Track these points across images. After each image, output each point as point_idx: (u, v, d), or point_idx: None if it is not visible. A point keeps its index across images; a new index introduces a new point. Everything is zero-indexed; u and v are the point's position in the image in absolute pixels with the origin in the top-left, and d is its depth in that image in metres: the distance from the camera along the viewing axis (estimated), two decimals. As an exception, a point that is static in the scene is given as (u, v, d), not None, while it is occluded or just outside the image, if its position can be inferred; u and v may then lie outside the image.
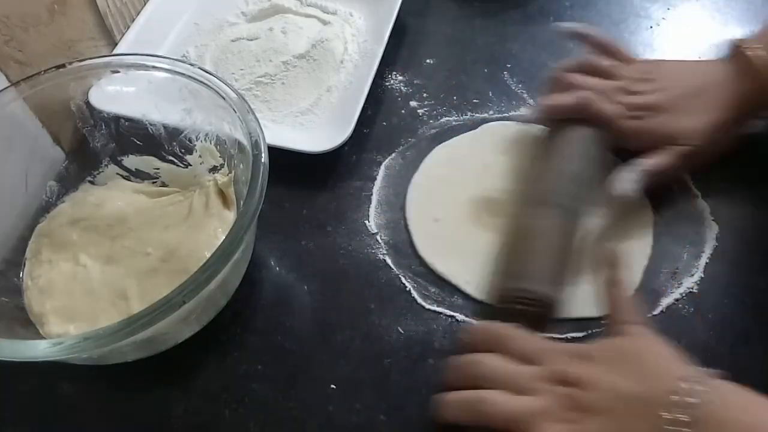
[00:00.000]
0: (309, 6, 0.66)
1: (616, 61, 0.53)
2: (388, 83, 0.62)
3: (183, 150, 0.53)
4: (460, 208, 0.53)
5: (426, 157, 0.56)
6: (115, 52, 0.61)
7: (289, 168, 0.52)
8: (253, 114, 0.45)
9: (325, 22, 0.64)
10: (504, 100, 0.60)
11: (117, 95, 0.51)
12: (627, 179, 0.48)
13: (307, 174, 0.55)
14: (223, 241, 0.39)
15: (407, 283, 0.49)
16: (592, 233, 0.50)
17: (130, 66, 0.49)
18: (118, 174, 0.54)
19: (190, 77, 0.47)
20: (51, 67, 0.48)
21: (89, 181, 0.53)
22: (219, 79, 0.47)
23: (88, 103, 0.51)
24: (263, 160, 0.42)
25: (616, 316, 0.40)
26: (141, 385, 0.45)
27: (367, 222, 0.53)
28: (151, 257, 0.48)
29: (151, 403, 0.45)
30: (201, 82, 0.47)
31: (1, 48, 0.51)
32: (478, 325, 0.41)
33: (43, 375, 0.45)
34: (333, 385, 0.45)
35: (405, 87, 0.62)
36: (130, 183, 0.54)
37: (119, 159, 0.54)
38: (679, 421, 0.31)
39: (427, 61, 0.64)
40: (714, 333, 0.46)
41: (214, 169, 0.52)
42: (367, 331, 0.47)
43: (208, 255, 0.39)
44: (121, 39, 0.61)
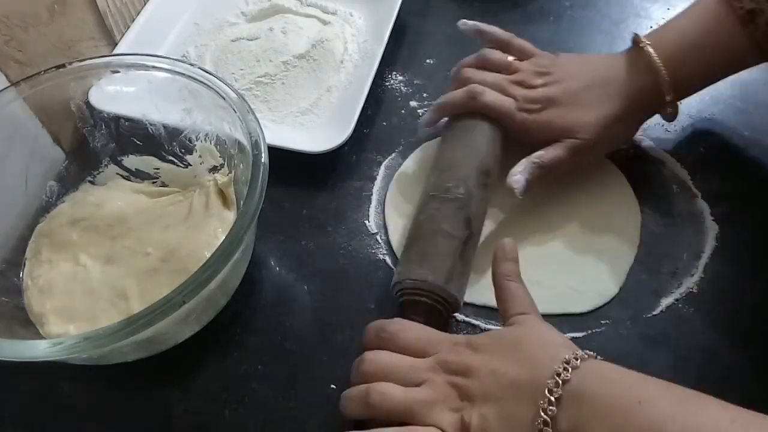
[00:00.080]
0: (309, 6, 0.66)
1: (515, 57, 0.53)
2: (388, 83, 0.62)
3: (183, 150, 0.53)
4: None
5: (410, 156, 0.56)
6: (115, 52, 0.61)
7: (289, 168, 0.52)
8: (253, 114, 0.45)
9: (325, 22, 0.64)
10: (504, 100, 0.60)
11: (117, 95, 0.51)
12: (518, 171, 0.48)
13: (307, 174, 0.55)
14: (223, 241, 0.39)
15: (407, 283, 0.49)
16: (574, 236, 0.50)
17: (130, 66, 0.49)
18: (118, 174, 0.54)
19: (190, 77, 0.47)
20: (51, 67, 0.48)
21: (89, 181, 0.53)
22: (219, 79, 0.47)
23: (88, 103, 0.51)
24: (263, 160, 0.42)
25: (506, 307, 0.40)
26: (141, 385, 0.45)
27: (367, 222, 0.53)
28: (151, 257, 0.48)
29: (151, 403, 0.45)
30: (201, 82, 0.47)
31: (1, 48, 0.51)
32: (372, 323, 0.42)
33: (43, 375, 0.46)
34: (333, 385, 0.45)
35: (405, 87, 0.62)
36: (130, 183, 0.54)
37: (119, 159, 0.54)
38: (551, 401, 0.33)
39: (427, 61, 0.64)
40: (714, 333, 0.46)
41: (214, 169, 0.52)
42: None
43: (208, 255, 0.39)
44: (121, 39, 0.62)
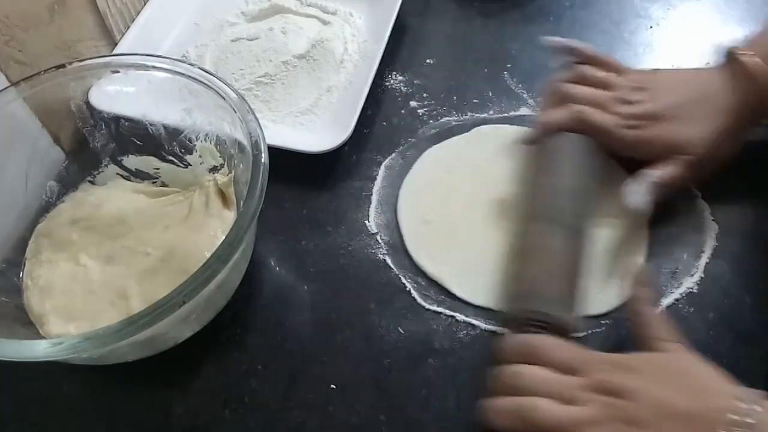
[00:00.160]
0: (309, 6, 0.66)
1: (609, 72, 0.53)
2: (388, 83, 0.62)
3: (183, 150, 0.53)
4: (451, 211, 0.53)
5: (418, 159, 0.56)
6: (115, 52, 0.61)
7: (289, 168, 0.52)
8: (253, 114, 0.45)
9: (325, 22, 0.64)
10: (504, 100, 0.60)
11: (117, 95, 0.51)
12: (637, 192, 0.47)
13: (307, 174, 0.55)
14: (223, 241, 0.39)
15: (407, 283, 0.49)
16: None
17: (130, 66, 0.49)
18: (118, 174, 0.54)
19: (190, 77, 0.47)
20: (51, 67, 0.48)
21: (89, 181, 0.53)
22: (219, 79, 0.47)
23: (88, 103, 0.51)
24: (263, 160, 0.42)
25: (650, 332, 0.39)
26: (141, 385, 0.45)
27: (367, 222, 0.53)
28: (151, 257, 0.48)
29: (151, 403, 0.45)
30: (201, 82, 0.47)
31: (1, 48, 0.51)
32: (510, 336, 0.41)
33: (43, 375, 0.46)
34: (333, 385, 0.45)
35: (405, 87, 0.62)
36: (130, 183, 0.54)
37: (119, 159, 0.54)
38: None
39: (427, 61, 0.64)
40: (714, 333, 0.46)
41: (214, 169, 0.52)
42: (367, 331, 0.47)
43: (208, 255, 0.39)
44: (121, 39, 0.61)
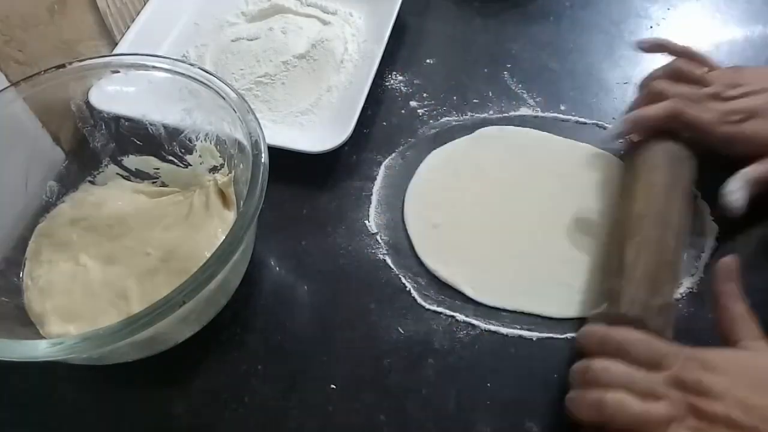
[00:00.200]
0: (309, 6, 0.66)
1: (703, 68, 0.52)
2: (388, 83, 0.62)
3: (183, 150, 0.53)
4: (459, 214, 0.53)
5: (422, 162, 0.56)
6: (115, 52, 0.61)
7: (289, 168, 0.52)
8: (253, 114, 0.45)
9: (325, 22, 0.64)
10: (504, 100, 0.60)
11: (117, 95, 0.51)
12: (736, 189, 0.47)
13: (307, 174, 0.55)
14: (223, 241, 0.39)
15: (407, 283, 0.49)
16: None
17: (130, 66, 0.49)
18: (118, 174, 0.54)
19: (190, 77, 0.47)
20: (51, 67, 0.48)
21: (89, 181, 0.53)
22: (219, 79, 0.47)
23: (88, 103, 0.51)
24: (263, 160, 0.42)
25: (736, 329, 0.39)
26: (141, 385, 0.45)
27: (367, 222, 0.53)
28: (151, 257, 0.48)
29: (151, 403, 0.45)
30: (201, 82, 0.47)
31: (1, 48, 0.51)
32: (590, 328, 0.41)
33: (43, 375, 0.46)
34: (333, 385, 0.45)
35: (405, 87, 0.62)
36: (130, 183, 0.54)
37: (119, 159, 0.54)
38: None
39: (427, 61, 0.64)
40: (714, 333, 0.46)
41: (214, 169, 0.52)
42: (367, 331, 0.47)
43: (208, 255, 0.39)
44: (121, 39, 0.61)
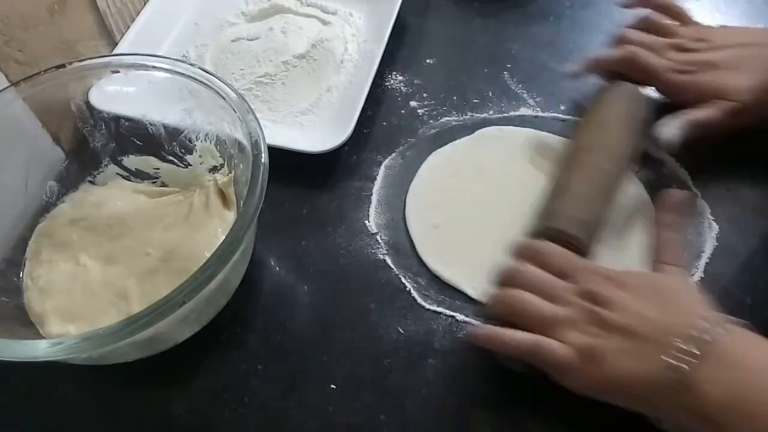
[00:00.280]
0: (309, 6, 0.66)
1: (676, 22, 0.55)
2: (388, 83, 0.62)
3: (183, 150, 0.53)
4: (459, 214, 0.53)
5: (423, 163, 0.56)
6: (115, 52, 0.61)
7: (289, 168, 0.52)
8: (253, 114, 0.45)
9: (325, 22, 0.64)
10: (504, 100, 0.60)
11: (117, 95, 0.51)
12: (672, 125, 0.49)
13: (307, 174, 0.55)
14: (223, 241, 0.39)
15: (407, 283, 0.49)
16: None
17: (130, 66, 0.49)
18: (118, 174, 0.54)
19: (190, 77, 0.47)
20: (51, 67, 0.48)
21: (89, 181, 0.53)
22: (219, 79, 0.47)
23: (88, 103, 0.51)
24: (263, 160, 0.42)
25: (660, 255, 0.42)
26: (141, 385, 0.45)
27: (367, 222, 0.53)
28: (151, 257, 0.48)
29: (151, 403, 0.45)
30: (201, 82, 0.47)
31: (1, 48, 0.51)
32: (522, 241, 0.45)
33: (43, 375, 0.46)
34: (333, 385, 0.45)
35: (405, 87, 0.62)
36: (130, 183, 0.54)
37: (119, 159, 0.54)
38: (690, 352, 0.34)
39: (427, 61, 0.64)
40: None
41: (214, 169, 0.52)
42: (367, 331, 0.47)
43: (208, 255, 0.39)
44: (121, 39, 0.61)
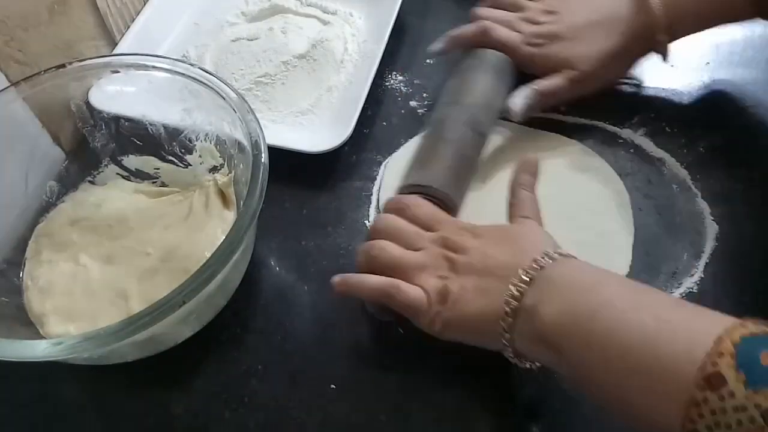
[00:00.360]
0: (309, 6, 0.66)
1: None
2: (388, 83, 0.62)
3: (183, 150, 0.53)
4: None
5: (399, 149, 0.57)
6: (115, 52, 0.61)
7: (289, 168, 0.52)
8: (253, 114, 0.45)
9: (325, 22, 0.64)
10: (504, 100, 0.60)
11: (117, 95, 0.51)
12: (519, 96, 0.52)
13: (307, 174, 0.55)
14: (223, 241, 0.39)
15: (407, 283, 0.49)
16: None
17: (130, 66, 0.49)
18: (118, 174, 0.54)
19: (190, 77, 0.47)
20: (51, 67, 0.48)
21: (89, 181, 0.53)
22: (219, 79, 0.47)
23: (88, 103, 0.51)
24: (263, 160, 0.42)
25: (514, 210, 0.44)
26: (141, 385, 0.45)
27: (367, 222, 0.53)
28: (151, 257, 0.48)
29: (151, 403, 0.45)
30: (201, 82, 0.47)
31: (1, 48, 0.51)
32: (395, 196, 0.48)
33: (43, 375, 0.46)
34: (333, 385, 0.45)
35: (405, 87, 0.62)
36: (130, 183, 0.54)
37: (119, 159, 0.54)
38: (525, 281, 0.37)
39: (427, 61, 0.64)
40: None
41: (214, 169, 0.52)
42: (367, 331, 0.47)
43: (208, 255, 0.39)
44: (121, 39, 0.61)
